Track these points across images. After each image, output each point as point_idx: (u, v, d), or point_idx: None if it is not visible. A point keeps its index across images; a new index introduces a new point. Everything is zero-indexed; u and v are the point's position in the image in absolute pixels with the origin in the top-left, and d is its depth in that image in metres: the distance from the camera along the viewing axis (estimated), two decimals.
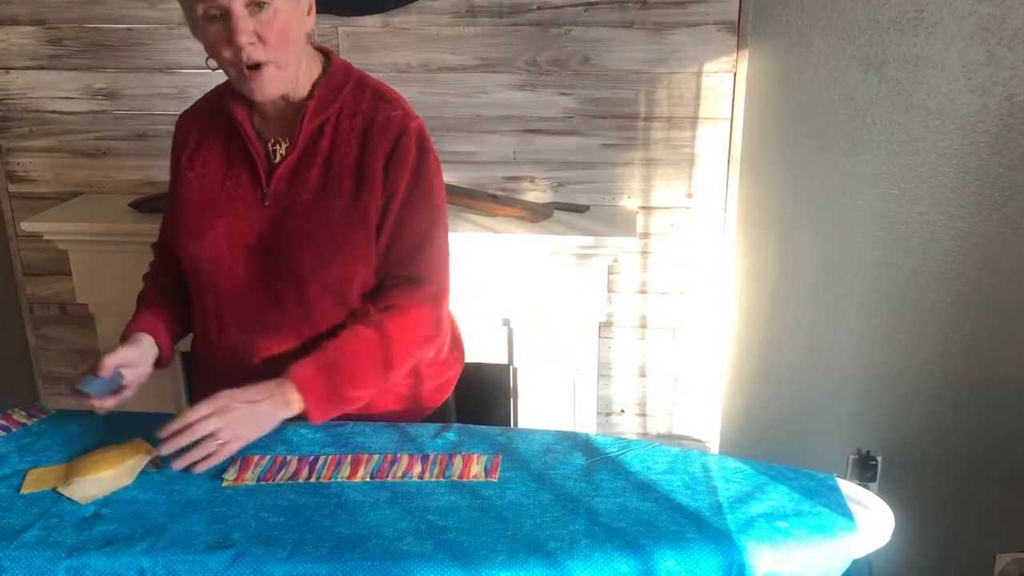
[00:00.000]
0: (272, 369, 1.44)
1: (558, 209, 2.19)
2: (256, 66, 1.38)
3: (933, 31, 2.10)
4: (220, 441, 1.32)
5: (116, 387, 1.42)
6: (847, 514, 1.23)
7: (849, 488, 1.31)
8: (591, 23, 2.11)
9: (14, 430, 1.47)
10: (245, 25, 1.34)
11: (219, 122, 1.51)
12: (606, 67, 2.14)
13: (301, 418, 1.40)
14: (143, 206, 2.19)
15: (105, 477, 1.31)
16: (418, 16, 2.14)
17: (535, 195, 2.26)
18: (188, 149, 1.53)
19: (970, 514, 2.43)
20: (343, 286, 1.46)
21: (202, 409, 1.33)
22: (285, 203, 1.45)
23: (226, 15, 1.34)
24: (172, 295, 1.59)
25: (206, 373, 1.57)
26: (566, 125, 2.20)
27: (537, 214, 2.12)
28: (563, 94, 2.17)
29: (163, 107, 2.28)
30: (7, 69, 2.29)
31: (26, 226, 2.20)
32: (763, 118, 2.20)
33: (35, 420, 1.51)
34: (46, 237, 2.24)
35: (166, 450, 1.31)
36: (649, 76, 2.14)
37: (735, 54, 2.10)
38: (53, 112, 2.32)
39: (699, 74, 2.12)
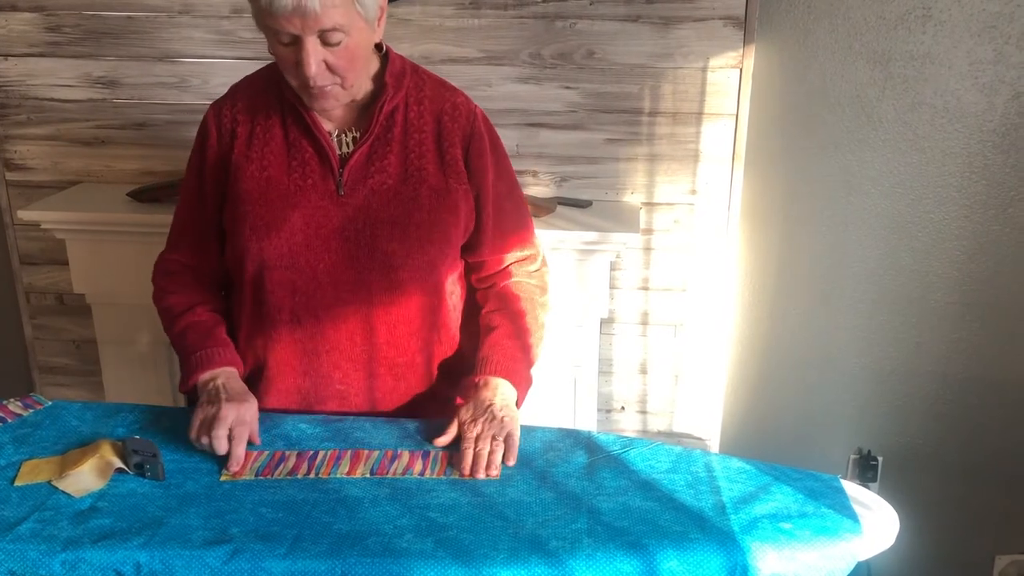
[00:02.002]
0: (356, 360, 1.47)
1: (561, 204, 2.17)
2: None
3: (941, 29, 2.08)
4: (498, 440, 1.34)
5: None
6: (852, 516, 1.22)
7: (853, 490, 1.30)
8: (596, 16, 2.09)
9: (9, 421, 1.45)
10: (316, 57, 1.32)
11: (267, 112, 1.47)
12: (611, 61, 2.12)
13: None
14: (142, 196, 2.18)
15: (99, 468, 1.29)
16: (422, 7, 2.12)
17: (538, 189, 2.24)
18: (239, 141, 1.47)
19: (970, 515, 2.43)
20: (434, 269, 1.47)
21: (462, 429, 1.37)
22: (364, 191, 1.44)
23: (297, 40, 1.32)
24: (220, 317, 1.53)
25: (272, 370, 1.50)
26: (570, 119, 2.18)
27: (540, 209, 2.11)
28: (567, 88, 2.15)
29: (163, 96, 2.26)
30: (6, 56, 2.27)
31: (23, 215, 2.18)
32: (768, 114, 2.19)
33: (31, 411, 1.49)
34: (43, 226, 2.22)
35: (463, 473, 1.32)
36: (654, 71, 2.12)
37: (741, 49, 2.08)
38: (52, 100, 2.30)
39: (705, 69, 2.11)
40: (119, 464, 1.31)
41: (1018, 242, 2.21)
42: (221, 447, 1.32)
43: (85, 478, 1.28)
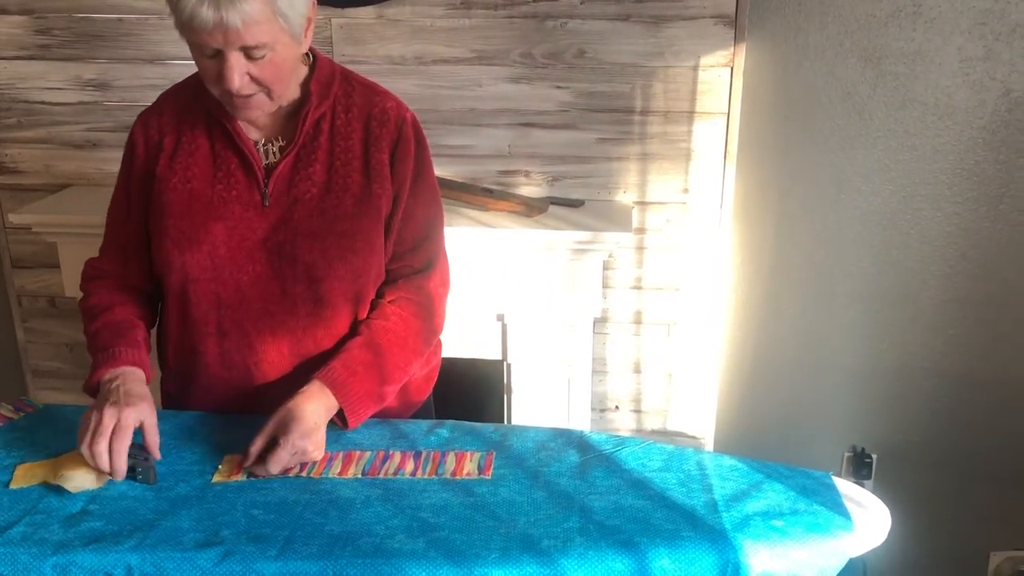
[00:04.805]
0: (286, 373, 1.43)
1: (553, 204, 2.17)
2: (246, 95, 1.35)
3: (931, 26, 2.08)
4: (303, 460, 1.32)
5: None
6: (844, 513, 1.22)
7: (846, 486, 1.30)
8: (587, 16, 2.09)
9: (1, 424, 1.45)
10: (239, 71, 1.30)
11: (194, 121, 1.45)
12: (602, 60, 2.12)
13: (338, 418, 1.38)
14: None
15: (92, 471, 1.29)
16: (412, 8, 2.12)
17: (530, 189, 2.24)
18: (165, 153, 1.45)
19: (965, 512, 2.43)
20: (358, 280, 1.44)
21: (272, 449, 1.30)
22: (287, 202, 1.42)
23: (220, 53, 1.30)
24: (139, 320, 1.48)
25: (201, 383, 1.49)
26: (561, 119, 2.18)
27: (532, 208, 2.11)
28: (558, 87, 2.16)
29: (154, 98, 2.24)
30: None
31: (14, 218, 2.18)
32: (760, 113, 2.19)
33: (22, 415, 1.49)
34: (35, 229, 2.21)
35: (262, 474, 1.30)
36: (645, 70, 2.12)
37: (732, 48, 2.08)
38: (42, 103, 2.29)
39: (696, 68, 2.11)
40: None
41: (1009, 238, 2.21)
42: (101, 463, 1.25)
43: (81, 479, 1.28)
